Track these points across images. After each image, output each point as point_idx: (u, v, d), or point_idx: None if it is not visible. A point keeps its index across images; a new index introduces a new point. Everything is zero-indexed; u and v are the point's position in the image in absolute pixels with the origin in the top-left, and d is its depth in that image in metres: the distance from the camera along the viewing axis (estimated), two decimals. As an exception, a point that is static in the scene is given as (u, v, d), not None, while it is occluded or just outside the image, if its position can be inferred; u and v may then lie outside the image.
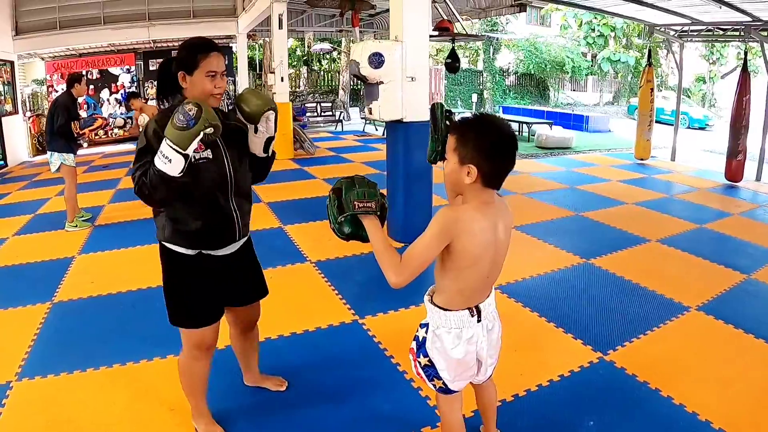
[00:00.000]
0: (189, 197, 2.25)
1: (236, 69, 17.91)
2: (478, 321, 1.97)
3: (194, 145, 2.05)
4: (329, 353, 3.52)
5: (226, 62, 2.41)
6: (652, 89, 11.43)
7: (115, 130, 16.51)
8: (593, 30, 27.68)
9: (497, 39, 27.17)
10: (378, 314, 4.02)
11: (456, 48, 12.02)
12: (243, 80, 16.63)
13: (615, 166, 11.18)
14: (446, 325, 1.95)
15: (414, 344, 2.08)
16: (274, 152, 2.56)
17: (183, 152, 2.03)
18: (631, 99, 27.62)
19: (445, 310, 1.95)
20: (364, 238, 1.88)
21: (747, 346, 3.70)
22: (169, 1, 14.39)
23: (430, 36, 8.61)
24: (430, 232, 1.79)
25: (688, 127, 21.04)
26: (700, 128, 21.66)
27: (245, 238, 2.58)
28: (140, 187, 2.12)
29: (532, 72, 28.27)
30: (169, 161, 2.03)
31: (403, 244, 5.50)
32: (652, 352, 3.54)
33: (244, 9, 14.30)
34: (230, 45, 18.01)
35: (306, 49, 22.56)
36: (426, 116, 5.51)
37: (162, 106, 2.41)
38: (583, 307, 4.22)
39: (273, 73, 10.67)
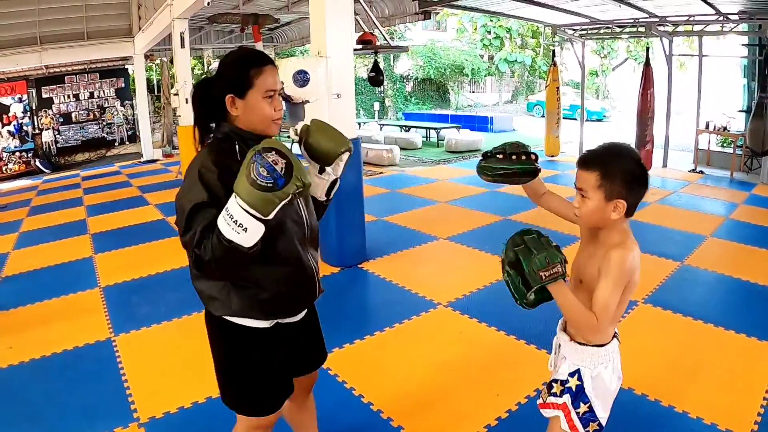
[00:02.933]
0: (267, 256, 1.82)
1: (134, 92, 17.19)
2: (618, 341, 1.95)
3: (279, 208, 1.62)
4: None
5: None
6: (557, 88, 12.08)
7: (10, 165, 15.51)
8: (489, 32, 29.17)
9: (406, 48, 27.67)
10: (334, 349, 3.89)
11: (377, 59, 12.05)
12: (142, 103, 16.02)
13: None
14: (604, 361, 1.88)
15: (566, 398, 1.91)
16: (332, 197, 2.21)
17: (264, 219, 1.60)
18: (529, 96, 28.97)
19: (601, 346, 1.87)
20: (548, 299, 1.75)
21: (699, 332, 3.94)
22: (60, 24, 13.59)
23: (354, 50, 8.61)
24: (614, 280, 1.72)
25: (587, 120, 22.12)
26: (598, 120, 22.92)
27: None
28: (200, 261, 1.68)
29: (432, 77, 29.13)
30: (244, 230, 1.59)
31: (339, 268, 5.44)
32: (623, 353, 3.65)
33: (140, 29, 13.86)
34: (126, 67, 17.35)
35: (205, 67, 22.02)
36: (353, 133, 5.50)
37: (201, 137, 1.99)
38: (537, 314, 4.25)
39: (177, 95, 10.31)
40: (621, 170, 1.73)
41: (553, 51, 12.83)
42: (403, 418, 3.03)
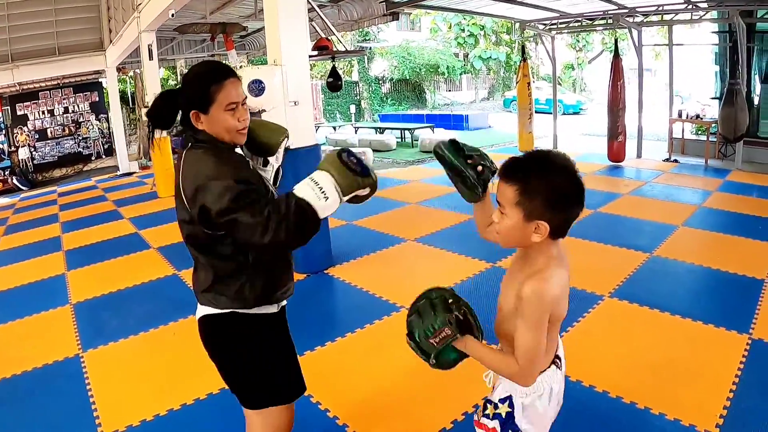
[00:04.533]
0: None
1: (108, 105, 17.06)
2: (561, 370, 1.80)
3: (352, 194, 1.81)
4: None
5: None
6: (528, 83, 12.11)
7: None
8: (463, 31, 29.61)
9: (370, 48, 27.80)
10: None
11: (335, 65, 12.06)
12: (116, 116, 15.90)
13: (502, 162, 11.55)
14: (537, 390, 1.71)
15: (495, 423, 1.78)
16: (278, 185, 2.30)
17: (342, 198, 1.78)
18: (506, 93, 29.18)
19: None
20: (464, 356, 1.73)
21: (666, 325, 3.90)
22: (32, 40, 13.57)
23: (310, 56, 8.57)
24: (532, 322, 1.54)
25: (563, 114, 22.29)
26: (575, 113, 23.08)
27: None
28: (279, 228, 1.72)
29: (408, 77, 29.29)
30: (325, 199, 1.74)
31: (305, 275, 5.38)
32: (580, 348, 3.61)
33: (111, 42, 13.88)
34: (100, 80, 17.27)
35: (179, 78, 21.93)
36: (312, 140, 5.47)
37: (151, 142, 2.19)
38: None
39: (147, 107, 10.22)
40: (545, 187, 1.50)
41: (523, 46, 12.87)
42: (360, 425, 2.99)
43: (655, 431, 2.80)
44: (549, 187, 1.50)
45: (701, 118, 11.01)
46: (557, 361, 1.77)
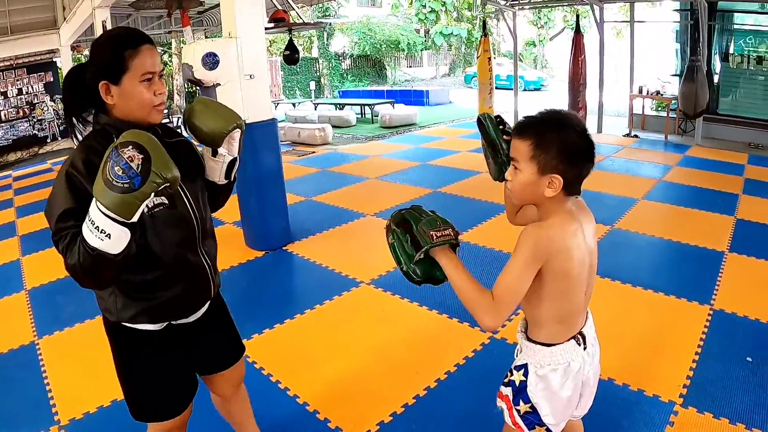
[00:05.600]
0: (147, 260, 1.72)
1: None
2: (584, 348, 1.73)
3: (141, 210, 1.45)
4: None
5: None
6: (489, 58, 12.06)
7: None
8: (424, 6, 29.51)
9: (330, 24, 27.48)
10: (253, 336, 3.70)
11: (293, 38, 11.82)
12: None
13: (462, 137, 11.61)
14: (552, 362, 1.68)
15: (508, 390, 1.78)
16: (234, 178, 2.05)
17: (127, 222, 1.44)
18: (467, 69, 29.23)
19: (548, 345, 1.68)
20: (439, 279, 1.61)
21: (629, 297, 3.92)
22: None
23: (266, 29, 8.34)
24: (520, 259, 1.53)
25: (524, 90, 22.43)
26: (536, 89, 23.25)
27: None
28: (72, 270, 1.52)
29: (368, 53, 29.06)
30: (107, 237, 1.43)
31: (263, 252, 5.25)
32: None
33: (65, 19, 13.29)
34: (54, 60, 16.62)
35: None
36: (268, 114, 5.31)
37: (76, 136, 1.78)
38: (462, 287, 4.19)
39: None
40: (559, 140, 1.51)
41: (484, 21, 12.80)
42: (328, 409, 2.90)
43: (619, 402, 2.78)
44: (562, 140, 1.51)
45: (661, 95, 11.14)
46: (578, 337, 1.71)
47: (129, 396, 1.93)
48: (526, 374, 1.73)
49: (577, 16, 11.36)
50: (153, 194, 1.43)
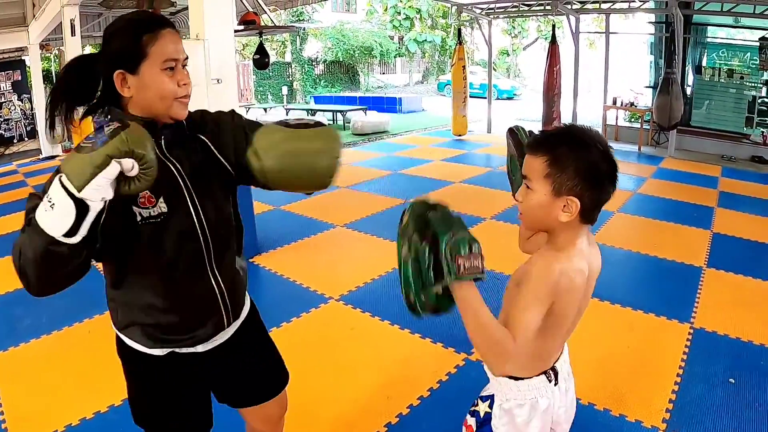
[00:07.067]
0: (139, 279, 1.52)
1: (31, 85, 16.03)
2: (555, 384, 1.58)
3: (98, 185, 1.19)
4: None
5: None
6: (464, 66, 12.08)
7: None
8: (399, 13, 29.66)
9: (304, 29, 27.40)
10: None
11: (264, 42, 11.67)
12: (39, 96, 14.96)
13: (434, 145, 11.56)
14: (518, 397, 1.56)
15: (473, 421, 1.65)
16: None
17: (75, 194, 1.19)
18: (440, 76, 29.36)
19: (516, 379, 1.55)
20: (443, 310, 1.34)
21: (606, 315, 3.83)
22: None
23: (236, 31, 8.19)
24: (534, 296, 1.37)
25: (498, 99, 22.55)
26: (509, 98, 23.39)
27: (241, 319, 1.77)
28: (13, 253, 1.29)
29: (341, 59, 29.00)
30: (51, 207, 1.20)
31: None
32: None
33: (34, 16, 12.91)
34: (23, 58, 16.18)
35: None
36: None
37: (51, 132, 1.58)
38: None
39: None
40: (578, 158, 1.35)
41: (459, 30, 12.90)
42: None
43: (600, 429, 2.68)
44: (582, 159, 1.35)
45: (635, 106, 11.22)
46: (550, 373, 1.56)
47: (134, 415, 1.75)
48: (491, 406, 1.61)
49: (553, 26, 11.42)
50: (114, 165, 1.19)
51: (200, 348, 1.66)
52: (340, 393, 3.08)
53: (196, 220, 1.54)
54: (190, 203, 1.53)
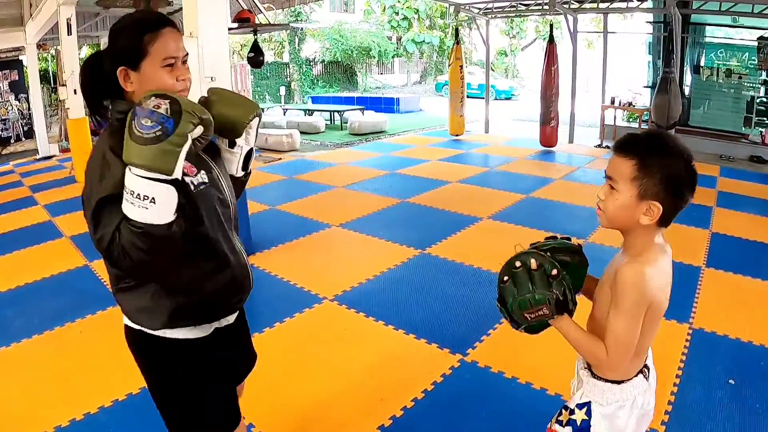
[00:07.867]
0: (196, 247, 1.57)
1: (28, 84, 15.99)
2: (647, 379, 1.63)
3: (182, 161, 1.34)
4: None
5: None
6: (461, 66, 12.09)
7: None
8: (397, 13, 29.76)
9: (302, 29, 27.39)
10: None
11: (259, 40, 11.61)
12: (36, 96, 14.92)
13: (432, 145, 11.53)
14: (621, 399, 1.58)
15: (567, 430, 1.66)
16: (250, 170, 1.93)
17: (170, 177, 1.31)
18: (438, 77, 29.39)
19: (619, 383, 1.58)
20: (548, 326, 1.58)
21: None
22: None
23: (230, 29, 8.14)
24: (629, 306, 1.43)
25: (496, 99, 22.56)
26: (507, 98, 23.42)
27: None
28: (119, 260, 1.37)
29: (339, 59, 29.07)
30: (152, 202, 1.30)
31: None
32: (515, 342, 3.40)
33: (31, 16, 12.91)
34: (20, 58, 16.12)
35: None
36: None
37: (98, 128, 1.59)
38: (430, 304, 4.05)
39: (64, 86, 9.56)
40: (666, 165, 1.40)
41: (456, 30, 12.89)
42: None
43: None
44: (669, 167, 1.41)
45: (633, 106, 11.20)
46: (645, 370, 1.62)
47: (171, 417, 1.74)
48: (589, 413, 1.63)
49: (551, 26, 11.37)
50: (190, 137, 1.35)
51: (232, 318, 1.80)
52: (332, 394, 3.04)
53: (225, 188, 1.73)
54: (216, 171, 1.71)
